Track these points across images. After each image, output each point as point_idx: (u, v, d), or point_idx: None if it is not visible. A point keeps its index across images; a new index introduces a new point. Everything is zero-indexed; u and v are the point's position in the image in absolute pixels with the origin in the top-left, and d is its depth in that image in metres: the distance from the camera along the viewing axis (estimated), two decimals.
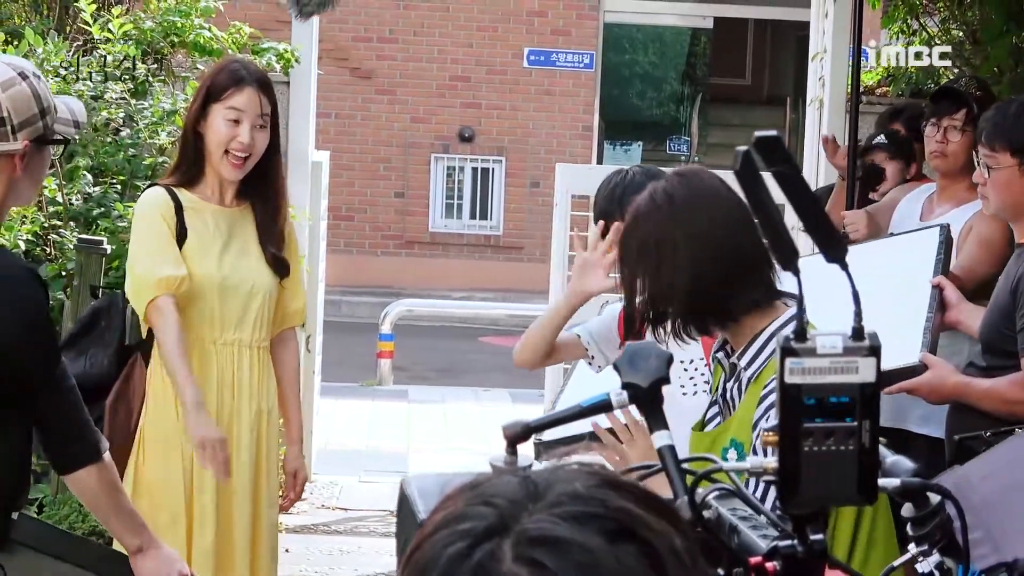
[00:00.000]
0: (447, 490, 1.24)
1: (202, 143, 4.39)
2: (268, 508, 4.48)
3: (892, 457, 1.97)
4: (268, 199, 4.43)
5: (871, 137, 6.26)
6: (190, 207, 4.39)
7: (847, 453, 1.74)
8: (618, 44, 19.93)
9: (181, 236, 4.35)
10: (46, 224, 6.18)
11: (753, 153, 1.78)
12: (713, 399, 3.17)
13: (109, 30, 6.89)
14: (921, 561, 2.07)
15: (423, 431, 10.21)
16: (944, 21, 8.15)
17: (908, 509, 2.07)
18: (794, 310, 2.85)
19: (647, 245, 3.04)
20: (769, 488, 2.55)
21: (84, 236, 5.99)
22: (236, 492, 4.38)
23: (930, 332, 4.40)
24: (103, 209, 6.27)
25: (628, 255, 3.11)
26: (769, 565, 1.79)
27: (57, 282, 6.08)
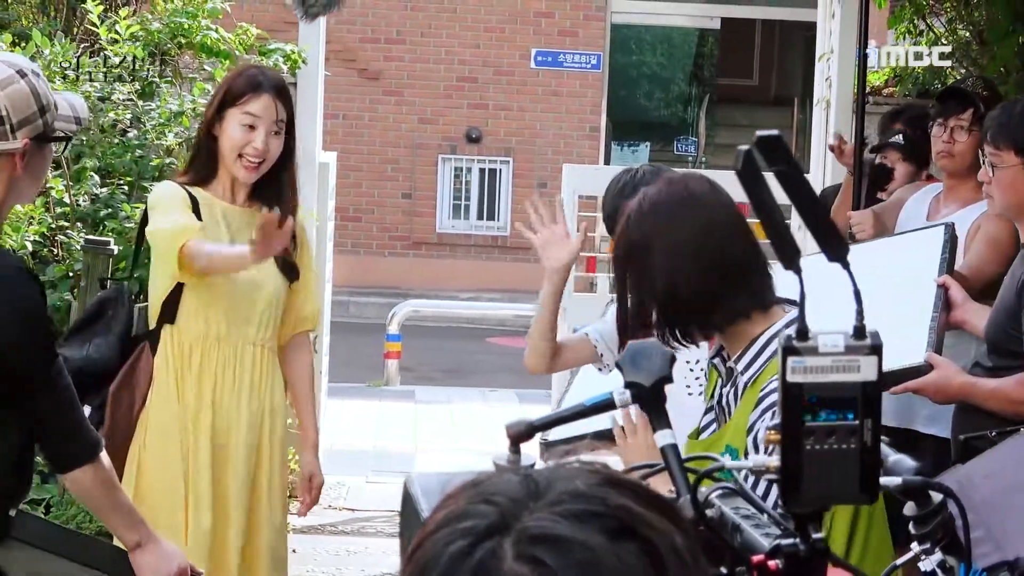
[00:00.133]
0: (449, 488, 1.24)
1: (216, 146, 4.41)
2: (270, 509, 4.45)
3: (894, 456, 1.97)
4: (280, 202, 4.43)
5: (888, 135, 6.20)
6: (202, 203, 4.40)
7: (849, 451, 1.74)
8: (625, 45, 19.93)
9: None
10: (53, 225, 6.19)
11: (754, 152, 1.79)
12: (709, 406, 3.13)
13: (116, 31, 6.89)
14: (923, 559, 2.07)
15: (430, 431, 10.20)
16: (951, 21, 8.14)
17: (910, 508, 2.08)
18: (793, 314, 2.85)
19: (632, 250, 3.03)
20: (771, 487, 2.55)
21: (91, 237, 5.99)
22: (232, 484, 4.36)
23: (935, 332, 4.38)
24: (110, 210, 6.27)
25: (617, 257, 3.10)
26: (771, 563, 1.80)
27: (64, 283, 6.08)
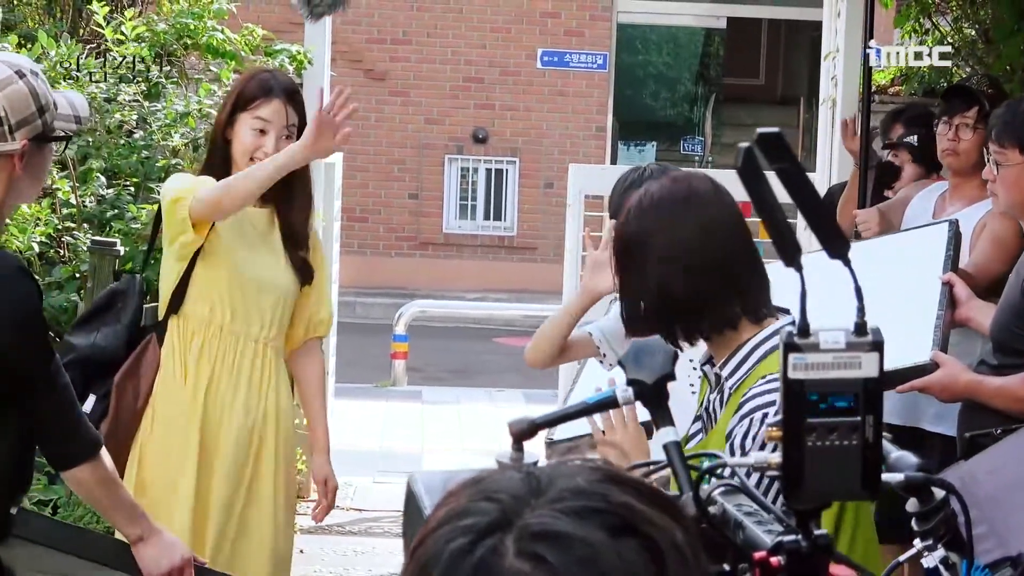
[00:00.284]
0: (451, 486, 1.24)
1: (229, 149, 4.42)
2: (273, 507, 4.43)
3: (896, 452, 1.97)
4: (292, 204, 4.43)
5: (902, 135, 6.18)
6: None
7: (850, 448, 1.74)
8: (631, 45, 19.93)
9: None
10: (60, 226, 6.20)
11: (755, 150, 1.79)
12: (697, 414, 3.06)
13: (122, 32, 6.90)
14: (926, 556, 2.08)
15: (437, 432, 10.20)
16: (956, 20, 8.14)
17: (913, 504, 2.08)
18: (781, 322, 2.84)
19: (630, 245, 2.97)
20: (773, 483, 2.55)
21: (97, 238, 6.00)
22: (216, 483, 4.34)
23: (941, 330, 4.38)
24: (116, 211, 6.28)
25: (616, 252, 3.03)
26: (774, 560, 1.80)
27: (71, 284, 6.09)
